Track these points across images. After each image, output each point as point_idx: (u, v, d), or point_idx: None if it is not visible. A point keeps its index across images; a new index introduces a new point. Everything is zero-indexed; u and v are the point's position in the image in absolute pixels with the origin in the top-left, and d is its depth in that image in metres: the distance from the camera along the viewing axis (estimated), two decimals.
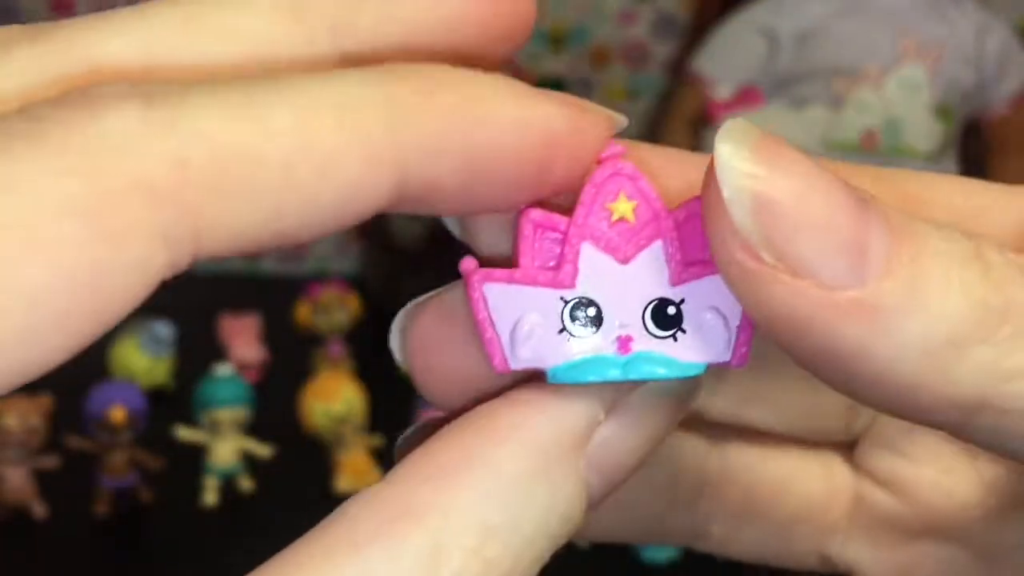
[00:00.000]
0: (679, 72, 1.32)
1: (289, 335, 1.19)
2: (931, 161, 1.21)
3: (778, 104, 1.19)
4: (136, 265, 0.12)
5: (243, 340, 1.16)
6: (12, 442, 0.92)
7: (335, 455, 1.00)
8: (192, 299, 1.26)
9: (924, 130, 1.20)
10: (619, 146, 0.15)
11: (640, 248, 0.15)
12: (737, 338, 0.15)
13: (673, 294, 0.15)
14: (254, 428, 1.00)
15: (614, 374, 0.15)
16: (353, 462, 0.99)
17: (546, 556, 0.15)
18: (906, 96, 1.20)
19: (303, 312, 1.20)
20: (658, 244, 0.15)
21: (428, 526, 0.14)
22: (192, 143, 0.12)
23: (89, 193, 0.12)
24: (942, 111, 1.21)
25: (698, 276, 0.15)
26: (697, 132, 1.22)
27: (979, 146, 1.28)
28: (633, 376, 0.15)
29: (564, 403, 0.15)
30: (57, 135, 0.12)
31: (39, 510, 0.94)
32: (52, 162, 0.12)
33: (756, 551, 0.21)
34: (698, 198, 0.15)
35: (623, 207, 0.15)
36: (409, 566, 0.13)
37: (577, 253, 0.15)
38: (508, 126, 0.14)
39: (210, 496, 0.97)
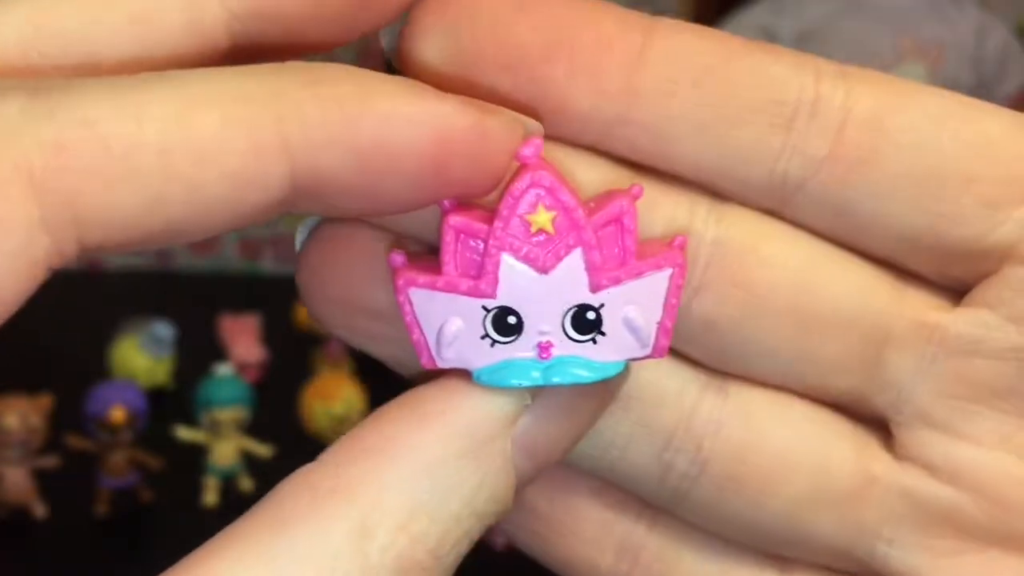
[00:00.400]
0: None
1: (289, 335, 1.19)
2: None
3: None
4: (18, 252, 0.12)
5: (243, 340, 1.16)
6: (12, 442, 0.93)
7: None
8: (192, 299, 1.27)
9: None
10: (534, 148, 0.15)
11: (559, 258, 0.15)
12: (657, 332, 0.16)
13: (593, 300, 0.15)
14: (254, 428, 1.00)
15: (535, 378, 0.15)
16: None
17: (475, 534, 0.15)
18: None
19: (303, 312, 1.20)
20: (578, 252, 0.15)
21: (356, 504, 0.14)
22: (69, 129, 0.12)
23: None
24: None
25: (617, 282, 0.15)
26: None
27: None
28: (555, 380, 0.15)
29: (491, 389, 0.15)
30: None
31: (39, 510, 0.94)
32: None
33: (748, 531, 0.18)
34: (616, 202, 0.15)
35: (542, 218, 0.15)
36: (337, 542, 0.14)
37: (497, 264, 0.15)
38: (398, 120, 0.14)
39: (210, 496, 0.97)
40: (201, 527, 0.14)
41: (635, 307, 0.15)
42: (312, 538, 0.14)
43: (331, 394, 1.02)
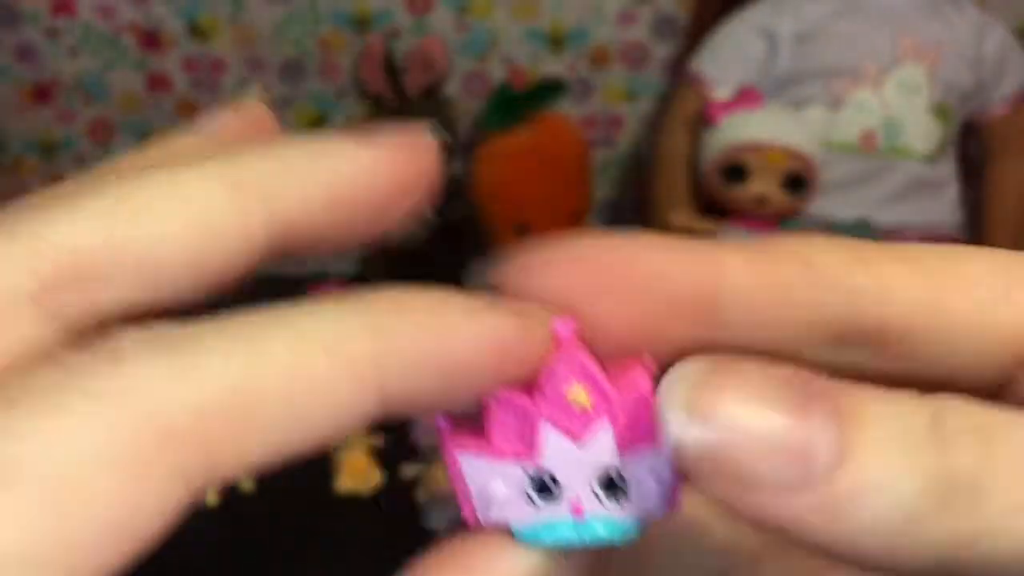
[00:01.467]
0: (678, 73, 1.33)
1: None
2: (929, 161, 1.21)
3: (777, 105, 1.20)
4: (159, 504, 0.13)
5: None
6: None
7: (335, 455, 1.00)
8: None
9: (923, 131, 1.21)
10: (568, 327, 0.17)
11: (591, 429, 0.17)
12: (670, 492, 0.18)
13: (619, 464, 0.17)
14: None
15: (569, 536, 0.17)
16: (353, 462, 1.00)
17: None
18: (905, 97, 1.20)
19: None
20: (607, 423, 0.17)
21: None
22: (211, 393, 0.14)
23: (120, 442, 0.13)
24: (941, 112, 1.22)
25: (640, 451, 0.17)
26: (696, 133, 1.22)
27: (978, 147, 1.29)
28: (586, 538, 0.17)
29: (528, 546, 0.18)
30: (88, 387, 0.13)
31: None
32: (87, 412, 0.13)
33: None
34: (643, 377, 0.17)
35: (577, 393, 0.17)
36: None
37: (537, 433, 0.17)
38: (467, 338, 0.16)
39: (210, 496, 0.97)
40: (201, 527, 0.14)
41: (653, 472, 0.17)
42: None
43: None
